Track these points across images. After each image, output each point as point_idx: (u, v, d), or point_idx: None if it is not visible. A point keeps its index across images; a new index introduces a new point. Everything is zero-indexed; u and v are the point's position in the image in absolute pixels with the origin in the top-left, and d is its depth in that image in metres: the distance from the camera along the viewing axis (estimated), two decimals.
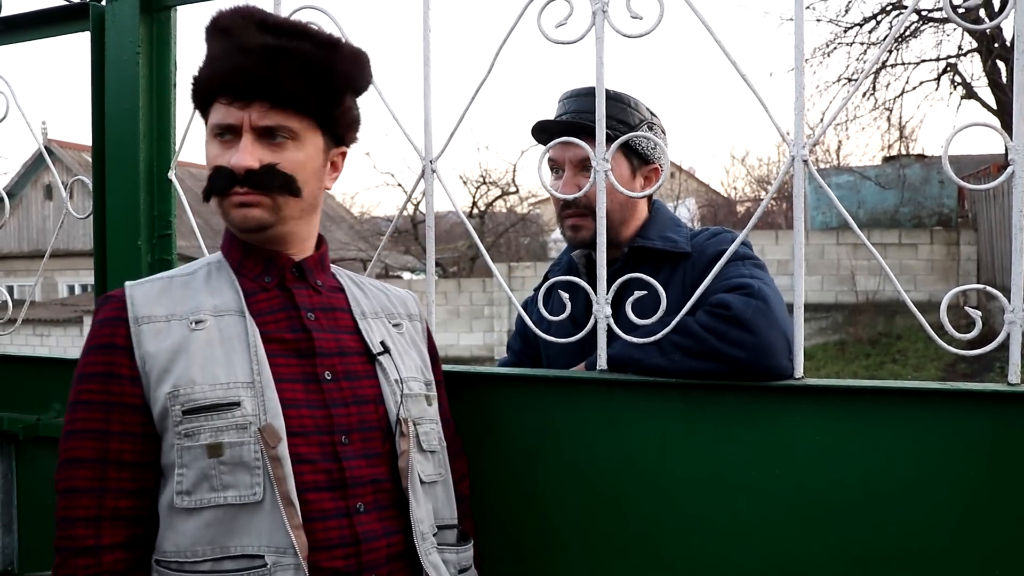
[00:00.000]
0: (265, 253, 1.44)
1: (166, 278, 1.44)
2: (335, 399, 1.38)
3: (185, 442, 1.29)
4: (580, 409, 1.66)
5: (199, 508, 1.28)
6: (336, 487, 1.34)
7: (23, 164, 26.65)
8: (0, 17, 2.24)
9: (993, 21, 1.52)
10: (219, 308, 1.38)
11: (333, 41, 1.41)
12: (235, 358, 1.34)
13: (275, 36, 1.36)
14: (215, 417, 1.30)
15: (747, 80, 1.55)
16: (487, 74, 1.74)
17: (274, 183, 1.36)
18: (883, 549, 1.47)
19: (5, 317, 2.40)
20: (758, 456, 1.53)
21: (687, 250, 1.85)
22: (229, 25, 1.36)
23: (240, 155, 1.33)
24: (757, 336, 1.53)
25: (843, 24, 15.61)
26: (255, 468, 1.29)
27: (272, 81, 1.32)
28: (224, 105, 1.35)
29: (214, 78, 1.35)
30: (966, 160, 18.56)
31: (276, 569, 1.27)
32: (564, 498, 1.67)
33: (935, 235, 15.14)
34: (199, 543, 1.28)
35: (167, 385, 1.31)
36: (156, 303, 1.37)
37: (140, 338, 1.33)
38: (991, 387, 1.43)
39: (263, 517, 1.28)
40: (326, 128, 1.43)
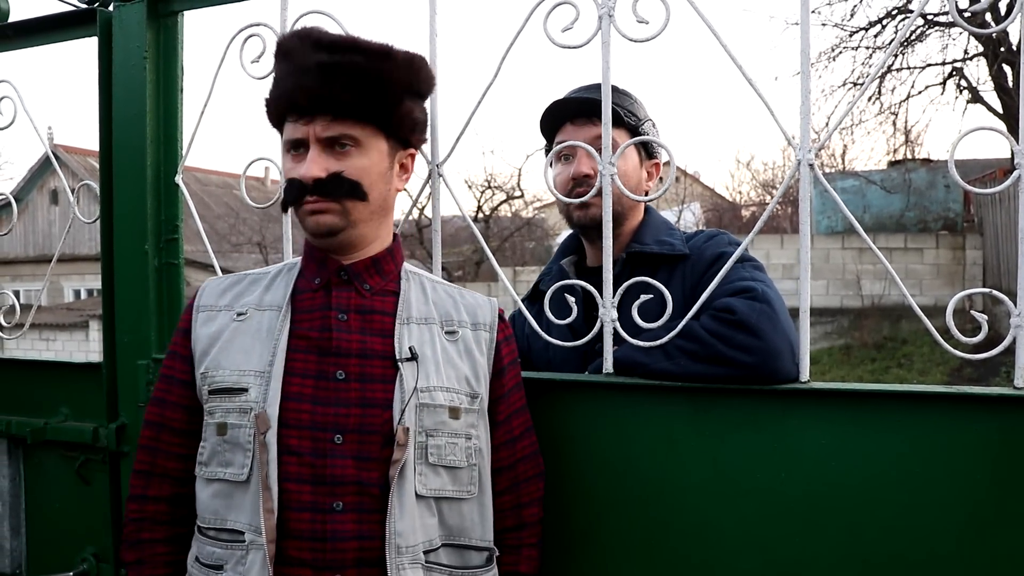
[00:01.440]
0: (318, 257, 1.54)
1: (242, 275, 1.60)
2: (343, 399, 1.42)
3: (208, 419, 1.46)
4: (586, 412, 1.66)
5: (210, 479, 1.44)
6: (319, 482, 1.39)
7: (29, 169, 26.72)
8: (9, 23, 2.25)
9: (999, 25, 1.53)
10: (265, 303, 1.52)
11: (385, 50, 1.47)
12: (261, 349, 1.46)
13: (329, 53, 1.43)
14: (227, 400, 1.44)
15: (753, 84, 1.56)
16: (493, 78, 1.74)
17: (341, 189, 1.45)
18: (889, 553, 1.47)
19: (12, 322, 2.40)
20: (764, 459, 1.53)
21: (684, 252, 1.85)
22: (289, 48, 1.47)
23: (308, 166, 1.43)
24: (763, 340, 1.53)
25: (848, 28, 15.60)
26: (247, 450, 1.41)
27: (329, 96, 1.41)
28: (292, 122, 1.45)
29: (280, 99, 1.46)
30: (972, 164, 18.54)
31: (251, 548, 1.38)
32: (571, 501, 1.67)
33: (941, 239, 15.11)
34: (208, 510, 1.44)
35: (202, 366, 1.49)
36: (219, 295, 1.55)
37: (195, 323, 1.53)
38: (997, 391, 1.43)
39: (248, 497, 1.40)
40: (388, 132, 1.50)
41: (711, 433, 1.57)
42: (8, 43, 2.28)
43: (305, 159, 1.44)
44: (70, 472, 2.14)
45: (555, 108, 1.94)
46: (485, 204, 23.04)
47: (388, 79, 1.45)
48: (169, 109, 2.06)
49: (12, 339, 2.40)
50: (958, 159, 1.57)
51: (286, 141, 1.48)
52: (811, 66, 1.54)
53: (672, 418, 1.60)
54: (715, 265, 1.76)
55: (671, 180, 1.66)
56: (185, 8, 2.05)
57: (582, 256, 2.04)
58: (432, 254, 1.87)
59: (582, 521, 1.66)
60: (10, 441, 2.22)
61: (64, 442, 2.14)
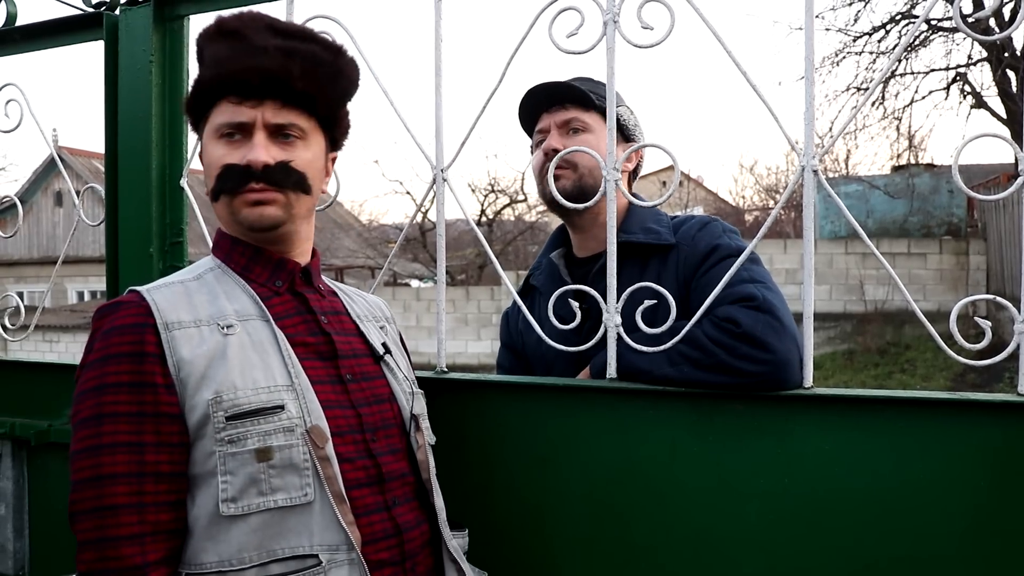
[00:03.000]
0: (273, 257, 1.46)
1: (178, 283, 1.41)
2: (359, 399, 1.42)
3: (229, 448, 1.27)
4: (589, 417, 1.66)
5: (246, 514, 1.26)
6: (374, 483, 1.38)
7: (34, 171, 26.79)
8: (16, 26, 2.25)
9: (1003, 32, 1.53)
10: (241, 313, 1.38)
11: (338, 46, 1.46)
12: (271, 362, 1.34)
13: (285, 38, 1.39)
14: (261, 421, 1.29)
15: (757, 90, 1.56)
16: (498, 84, 1.74)
17: (289, 179, 1.38)
18: (891, 558, 1.47)
19: (16, 323, 2.41)
20: (767, 465, 1.53)
21: (671, 241, 1.83)
22: (238, 27, 1.39)
23: (256, 151, 1.35)
24: (772, 352, 1.52)
25: (852, 33, 15.60)
26: (304, 469, 1.29)
27: (286, 80, 1.35)
28: (233, 104, 1.37)
29: (224, 77, 1.36)
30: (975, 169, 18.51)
31: (331, 566, 1.28)
32: (573, 507, 1.67)
33: (944, 245, 15.11)
34: (245, 549, 1.26)
35: (207, 391, 1.28)
36: (181, 308, 1.35)
37: (174, 344, 1.30)
38: (1000, 397, 1.43)
39: (313, 517, 1.29)
40: (327, 130, 1.47)
41: (714, 439, 1.57)
42: (15, 46, 2.29)
43: (245, 145, 1.36)
44: None
45: (527, 101, 1.96)
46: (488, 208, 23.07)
47: (341, 74, 1.43)
48: (174, 112, 2.07)
49: (16, 341, 2.40)
50: (961, 164, 1.58)
51: (223, 124, 1.37)
52: (815, 71, 1.55)
53: (675, 423, 1.59)
54: (710, 257, 1.76)
55: (675, 185, 1.66)
56: (191, 12, 2.06)
57: (570, 247, 2.03)
58: (436, 258, 1.87)
59: (584, 526, 1.66)
60: (14, 443, 2.22)
61: (68, 444, 2.13)
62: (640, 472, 1.62)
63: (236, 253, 1.45)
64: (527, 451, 1.71)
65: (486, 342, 16.65)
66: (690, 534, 1.59)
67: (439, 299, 1.86)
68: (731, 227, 1.86)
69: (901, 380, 12.46)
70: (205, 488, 1.28)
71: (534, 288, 2.03)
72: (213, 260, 1.48)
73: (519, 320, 2.04)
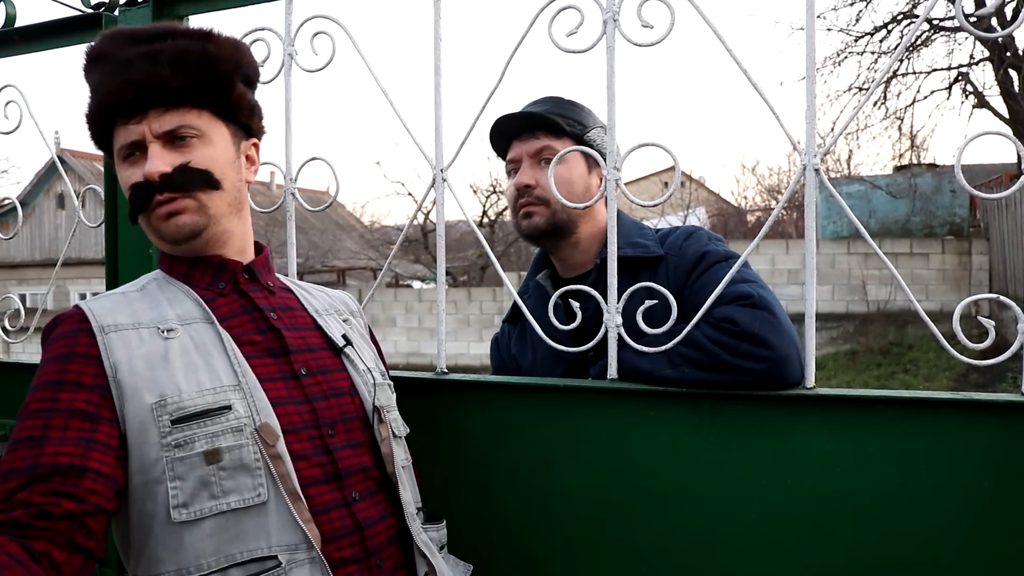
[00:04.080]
0: (213, 260, 1.43)
1: (118, 293, 1.39)
2: (315, 393, 1.39)
3: (176, 453, 1.23)
4: (590, 418, 1.65)
5: (199, 519, 1.23)
6: (331, 479, 1.35)
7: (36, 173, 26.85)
8: (15, 28, 2.25)
9: (1006, 30, 1.52)
10: (184, 317, 1.35)
11: (206, 31, 1.42)
12: (215, 363, 1.31)
13: (147, 43, 1.36)
14: (208, 423, 1.25)
15: (759, 89, 1.55)
16: (498, 83, 1.74)
17: (192, 181, 1.35)
18: (894, 559, 1.46)
19: (17, 325, 2.41)
20: (769, 466, 1.53)
21: (659, 253, 1.83)
22: (101, 48, 1.37)
23: (150, 163, 1.33)
24: (771, 348, 1.52)
25: (854, 33, 15.60)
26: (256, 469, 1.26)
27: (157, 84, 1.33)
28: (122, 126, 1.36)
29: (102, 104, 1.35)
30: (978, 169, 18.51)
31: (292, 566, 1.25)
32: (574, 508, 1.66)
33: (947, 245, 15.11)
34: (203, 555, 1.22)
35: (150, 395, 1.25)
36: (118, 313, 1.32)
37: (109, 346, 1.27)
38: (1004, 397, 1.42)
39: (269, 517, 1.26)
40: (227, 117, 1.43)
41: (716, 439, 1.56)
42: (14, 48, 2.28)
43: (143, 161, 1.34)
44: None
45: (499, 127, 1.95)
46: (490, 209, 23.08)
47: (215, 58, 1.39)
48: None
49: (17, 343, 2.40)
50: (963, 164, 1.57)
51: (120, 148, 1.36)
52: (816, 71, 1.54)
53: (677, 424, 1.59)
54: (699, 264, 1.76)
55: (676, 185, 1.65)
56: (190, 12, 2.05)
57: (554, 270, 2.03)
58: (436, 259, 1.86)
59: (585, 527, 1.66)
60: None
61: None
62: (641, 473, 1.61)
63: (176, 264, 1.44)
64: (528, 452, 1.70)
65: (487, 343, 16.60)
66: (691, 535, 1.58)
67: (439, 300, 1.86)
68: (716, 235, 1.87)
69: (904, 380, 12.46)
70: (153, 496, 1.24)
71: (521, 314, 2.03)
72: (158, 272, 1.47)
73: (511, 344, 2.03)
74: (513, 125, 1.93)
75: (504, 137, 1.96)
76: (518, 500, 1.71)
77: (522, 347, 1.90)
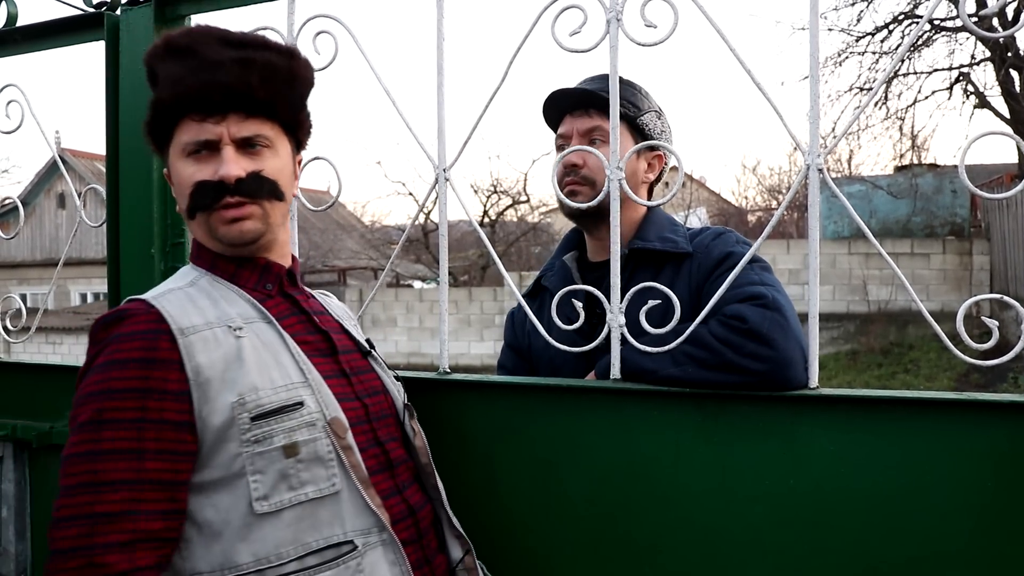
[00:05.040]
0: (259, 263, 1.47)
1: (177, 289, 1.40)
2: (361, 391, 1.47)
3: (256, 448, 1.29)
4: (593, 418, 1.65)
5: (278, 510, 1.29)
6: (385, 468, 1.44)
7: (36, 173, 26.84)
8: (16, 27, 2.25)
9: (1007, 30, 1.52)
10: (244, 316, 1.39)
11: (290, 49, 1.47)
12: (283, 361, 1.37)
13: (239, 49, 1.38)
14: (284, 419, 1.32)
15: (762, 89, 1.55)
16: (500, 83, 1.74)
17: (263, 189, 1.39)
18: (897, 559, 1.46)
19: (19, 325, 2.41)
20: (772, 466, 1.52)
21: (688, 250, 1.84)
22: (189, 43, 1.38)
23: (227, 166, 1.36)
24: (776, 349, 1.52)
25: (855, 33, 15.59)
26: (329, 461, 1.34)
27: (246, 91, 1.36)
28: (196, 122, 1.37)
29: (182, 96, 1.36)
30: (978, 170, 18.50)
31: (367, 549, 1.34)
32: (576, 508, 1.66)
33: (947, 245, 15.09)
34: (282, 545, 1.29)
35: (230, 395, 1.29)
36: (191, 313, 1.34)
37: (190, 350, 1.30)
38: (1007, 398, 1.42)
39: (343, 505, 1.34)
40: (291, 133, 1.48)
41: (719, 439, 1.56)
42: (16, 47, 2.28)
43: (212, 161, 1.37)
44: None
45: (552, 101, 1.96)
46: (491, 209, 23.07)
47: (297, 77, 1.45)
48: None
49: (19, 343, 2.40)
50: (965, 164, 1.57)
51: (189, 142, 1.38)
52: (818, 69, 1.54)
53: (680, 424, 1.59)
54: (723, 264, 1.75)
55: (679, 185, 1.65)
56: (192, 12, 2.05)
57: (583, 251, 2.03)
58: (438, 259, 1.86)
59: (588, 527, 1.65)
60: (16, 445, 2.22)
61: None
62: (644, 473, 1.61)
63: (221, 262, 1.46)
64: (530, 452, 1.70)
65: (489, 343, 16.64)
66: (695, 535, 1.58)
67: (442, 299, 1.86)
68: (744, 239, 1.86)
69: (905, 380, 12.45)
70: (231, 491, 1.29)
71: (545, 289, 2.02)
72: (196, 269, 1.47)
73: (528, 321, 2.03)
74: (568, 99, 1.93)
75: (558, 110, 1.96)
76: (520, 500, 1.71)
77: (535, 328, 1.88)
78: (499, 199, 23.18)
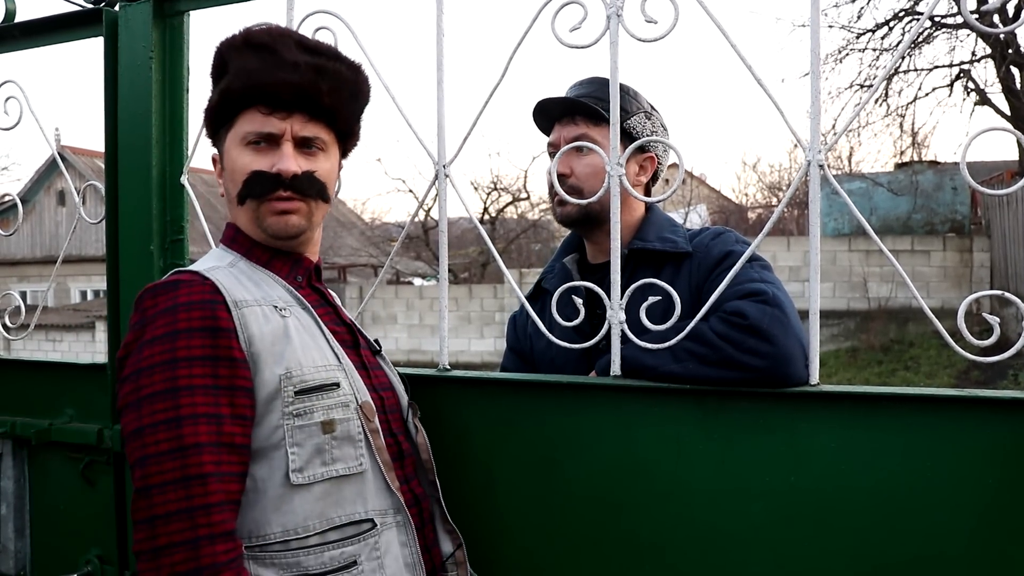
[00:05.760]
0: (293, 255, 1.54)
1: (223, 268, 1.46)
2: (376, 384, 1.54)
3: (296, 421, 1.36)
4: (594, 415, 1.65)
5: (311, 483, 1.35)
6: (396, 458, 1.50)
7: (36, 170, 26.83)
8: (15, 23, 2.24)
9: (1008, 26, 1.51)
10: (284, 300, 1.47)
11: (358, 65, 1.55)
12: (321, 344, 1.45)
13: (313, 55, 1.46)
14: (324, 397, 1.39)
15: (763, 85, 1.54)
16: (500, 79, 1.73)
17: (313, 188, 1.47)
18: (899, 556, 1.46)
19: (18, 322, 2.40)
20: (773, 463, 1.52)
21: (687, 250, 1.84)
22: (268, 41, 1.45)
23: (286, 161, 1.43)
24: (775, 345, 1.52)
25: (855, 30, 15.57)
26: (358, 441, 1.41)
27: (315, 95, 1.44)
28: (262, 114, 1.44)
29: (255, 88, 1.42)
30: (979, 167, 18.51)
31: (384, 528, 1.42)
32: (577, 505, 1.66)
33: (948, 242, 15.09)
34: (310, 517, 1.35)
35: (279, 367, 1.36)
36: (241, 288, 1.41)
37: (245, 321, 1.37)
38: (1009, 394, 1.42)
39: (367, 485, 1.41)
40: (342, 142, 1.57)
41: (720, 436, 1.56)
42: (14, 43, 2.28)
43: (271, 154, 1.44)
44: (75, 473, 2.14)
45: (541, 111, 1.97)
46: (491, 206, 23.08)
47: (360, 92, 1.54)
48: (175, 109, 2.05)
49: (18, 340, 2.40)
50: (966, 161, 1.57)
51: (251, 132, 1.44)
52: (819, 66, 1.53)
53: (680, 421, 1.58)
54: (723, 263, 1.76)
55: (679, 182, 1.65)
56: (191, 8, 2.04)
57: (583, 253, 2.04)
58: (438, 256, 1.85)
59: (589, 524, 1.65)
60: (15, 442, 2.21)
61: (69, 443, 2.14)
62: (645, 470, 1.61)
63: (257, 250, 1.52)
64: (531, 449, 1.70)
65: (489, 340, 16.64)
66: (696, 532, 1.58)
67: (442, 296, 1.85)
68: (744, 238, 1.87)
69: (905, 377, 12.45)
70: (268, 461, 1.35)
71: (546, 292, 2.02)
72: (231, 252, 1.53)
73: (529, 323, 2.03)
74: (555, 108, 1.94)
75: (548, 119, 1.97)
76: (521, 497, 1.71)
77: (539, 328, 1.89)
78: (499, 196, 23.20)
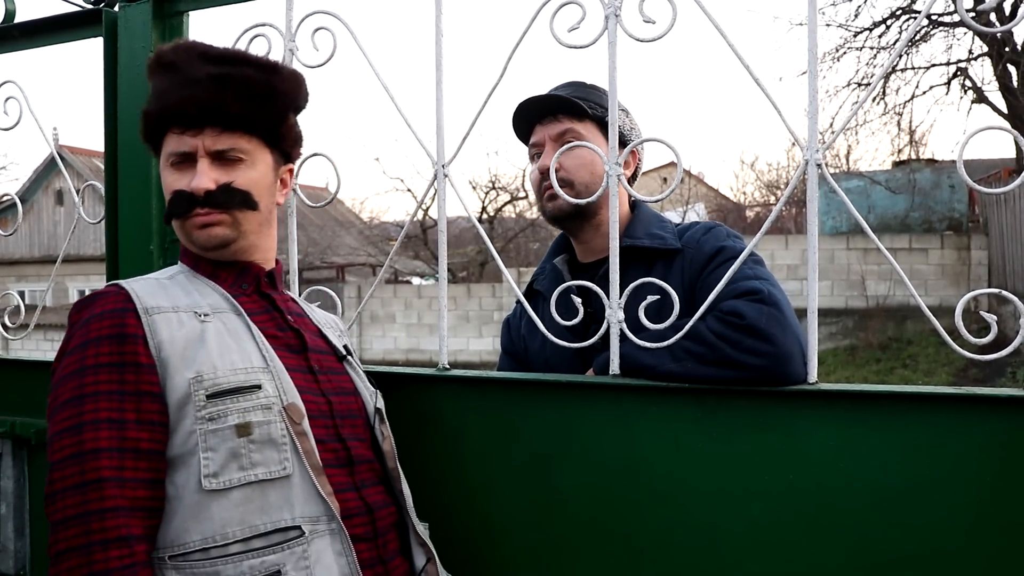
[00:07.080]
0: (238, 263, 1.54)
1: (151, 279, 1.49)
2: (328, 389, 1.51)
3: (209, 426, 1.33)
4: (593, 414, 1.65)
5: (228, 488, 1.31)
6: (344, 464, 1.46)
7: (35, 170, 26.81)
8: (14, 23, 2.25)
9: (1005, 25, 1.52)
10: (214, 307, 1.46)
11: (272, 64, 1.53)
12: (247, 347, 1.42)
13: (217, 65, 1.46)
14: (240, 399, 1.35)
15: (761, 84, 1.55)
16: (499, 79, 1.73)
17: (232, 200, 1.46)
18: (897, 554, 1.46)
19: (17, 322, 2.40)
20: (772, 461, 1.53)
21: (676, 246, 1.83)
22: (173, 59, 1.46)
23: (198, 178, 1.43)
24: (774, 344, 1.52)
25: (853, 29, 15.57)
26: (282, 445, 1.36)
27: (220, 107, 1.43)
28: (177, 135, 1.45)
29: (164, 111, 1.45)
30: (976, 165, 18.52)
31: (313, 536, 1.35)
32: (575, 504, 1.66)
33: (946, 240, 15.10)
34: (228, 525, 1.30)
35: (189, 371, 1.34)
36: (158, 296, 1.42)
37: (154, 327, 1.36)
38: (1007, 392, 1.42)
39: (293, 490, 1.35)
40: (273, 146, 1.54)
41: (718, 435, 1.56)
42: (14, 43, 2.28)
43: (190, 171, 1.45)
44: None
45: (520, 113, 1.95)
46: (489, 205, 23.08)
47: (276, 92, 1.50)
48: None
49: (17, 339, 2.40)
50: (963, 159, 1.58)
51: (170, 153, 1.47)
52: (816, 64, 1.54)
53: (679, 419, 1.59)
54: (715, 259, 1.76)
55: (677, 181, 1.65)
56: (191, 8, 2.05)
57: (573, 253, 2.03)
58: (437, 255, 1.86)
59: (588, 523, 1.66)
60: (14, 442, 2.22)
61: None
62: (644, 469, 1.61)
63: (202, 262, 1.54)
64: (529, 448, 1.70)
65: (487, 339, 16.65)
66: (694, 531, 1.58)
67: (441, 296, 1.86)
68: (735, 232, 1.87)
69: (903, 375, 12.46)
70: (186, 468, 1.32)
71: (538, 293, 2.03)
72: (180, 265, 1.57)
73: (522, 325, 2.03)
74: (535, 109, 1.93)
75: (527, 121, 1.96)
76: (519, 496, 1.71)
77: (532, 329, 1.89)
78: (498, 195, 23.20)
